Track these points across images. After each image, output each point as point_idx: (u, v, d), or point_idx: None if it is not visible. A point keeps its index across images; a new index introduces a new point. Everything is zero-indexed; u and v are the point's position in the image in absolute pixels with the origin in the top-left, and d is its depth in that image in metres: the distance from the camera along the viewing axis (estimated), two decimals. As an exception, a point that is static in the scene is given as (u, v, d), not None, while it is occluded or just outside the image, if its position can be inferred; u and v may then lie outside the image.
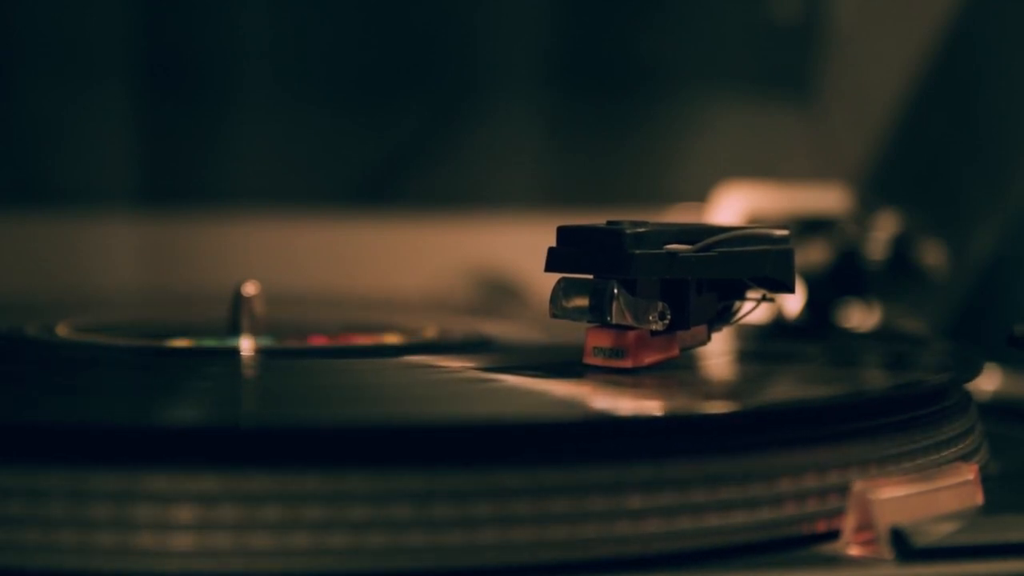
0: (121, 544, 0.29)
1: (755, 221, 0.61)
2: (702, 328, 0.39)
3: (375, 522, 0.29)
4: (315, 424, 0.31)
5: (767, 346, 0.49)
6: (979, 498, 0.34)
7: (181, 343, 0.46)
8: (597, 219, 0.38)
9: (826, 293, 0.59)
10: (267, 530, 0.29)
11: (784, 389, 0.39)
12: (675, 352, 0.38)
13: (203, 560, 0.29)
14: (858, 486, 0.32)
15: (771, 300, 0.40)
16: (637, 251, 0.36)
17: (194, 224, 0.72)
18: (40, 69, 0.71)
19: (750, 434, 0.32)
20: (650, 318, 0.37)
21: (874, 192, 0.69)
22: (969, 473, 0.34)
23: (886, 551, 0.31)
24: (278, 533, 0.29)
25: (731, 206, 0.63)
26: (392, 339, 0.47)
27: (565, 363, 0.39)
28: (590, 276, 0.37)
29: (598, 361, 0.37)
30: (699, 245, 0.37)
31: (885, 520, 0.31)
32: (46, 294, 0.68)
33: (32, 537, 0.29)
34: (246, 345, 0.44)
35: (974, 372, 0.40)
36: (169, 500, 0.29)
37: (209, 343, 0.45)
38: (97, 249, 0.71)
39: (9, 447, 0.29)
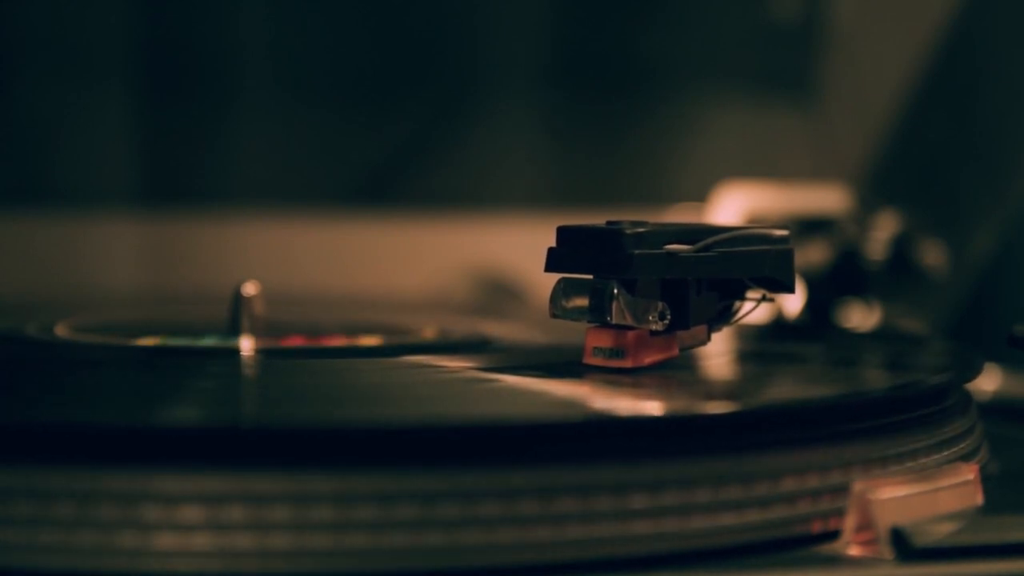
0: (114, 544, 0.29)
1: (755, 221, 0.61)
2: (702, 328, 0.39)
3: (375, 523, 0.29)
4: (314, 425, 0.31)
5: (767, 346, 0.49)
6: (979, 498, 0.34)
7: (181, 343, 0.46)
8: (597, 219, 0.38)
9: (826, 293, 0.59)
10: (270, 530, 0.29)
11: (784, 389, 0.39)
12: (675, 352, 0.38)
13: (209, 560, 0.29)
14: (858, 486, 0.32)
15: (771, 300, 0.40)
16: (637, 251, 0.36)
17: (194, 224, 0.72)
18: (40, 69, 0.71)
19: (750, 434, 0.32)
20: (650, 318, 0.37)
21: (874, 192, 0.69)
22: (969, 473, 0.34)
23: (886, 551, 0.31)
24: (281, 534, 0.29)
25: (731, 206, 0.63)
26: (390, 339, 0.47)
27: (565, 363, 0.39)
28: (590, 276, 0.37)
29: (598, 361, 0.37)
30: (699, 245, 0.37)
31: (885, 520, 0.31)
32: (46, 294, 0.68)
33: (34, 538, 0.29)
34: (246, 345, 0.44)
35: (974, 372, 0.40)
36: (167, 500, 0.29)
37: (209, 343, 0.45)
38: (97, 249, 0.71)
39: (8, 447, 0.29)
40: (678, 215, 0.68)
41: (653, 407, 0.34)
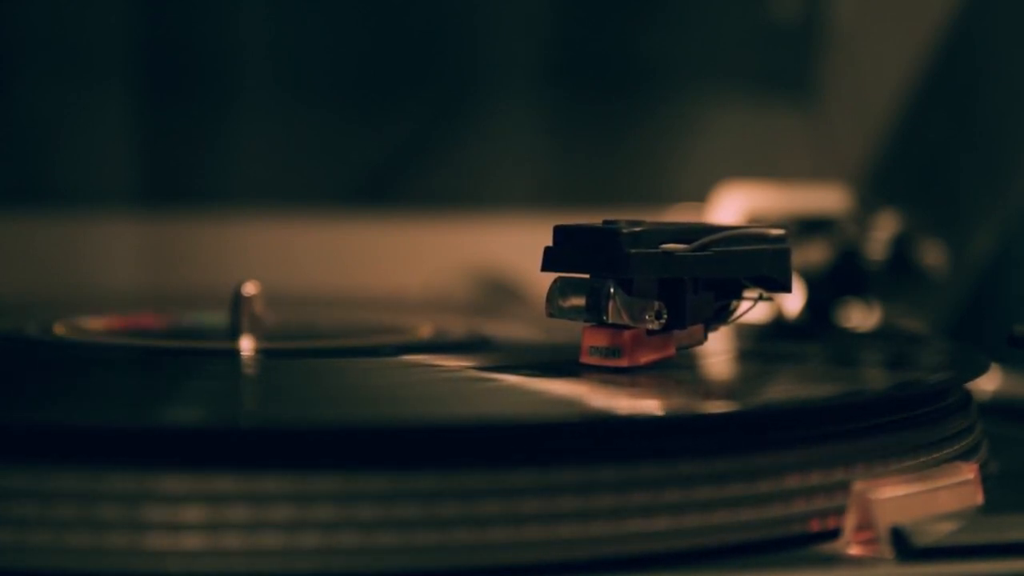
0: (118, 544, 0.29)
1: (755, 221, 0.61)
2: (699, 327, 0.39)
3: (376, 522, 0.29)
4: (315, 424, 0.31)
5: (767, 346, 0.49)
6: (979, 498, 0.34)
7: (181, 343, 0.46)
8: (596, 219, 0.38)
9: (826, 293, 0.59)
10: (271, 530, 0.29)
11: (784, 389, 0.39)
12: (671, 351, 0.38)
13: (209, 560, 0.29)
14: (858, 486, 0.32)
15: (768, 299, 0.40)
16: (633, 250, 0.36)
17: (194, 224, 0.72)
18: (40, 69, 0.71)
19: (749, 434, 0.32)
20: (646, 317, 0.37)
21: (874, 192, 0.69)
22: (969, 473, 0.34)
23: (886, 551, 0.31)
24: (282, 533, 0.29)
25: (731, 206, 0.63)
26: (393, 338, 0.47)
27: (562, 362, 0.39)
28: (586, 275, 0.37)
29: (594, 360, 0.37)
30: (695, 244, 0.37)
31: (885, 520, 0.31)
32: (46, 294, 0.68)
33: (37, 538, 0.29)
34: (246, 345, 0.44)
35: (974, 372, 0.40)
36: (171, 500, 0.29)
37: (209, 343, 0.45)
38: (97, 249, 0.71)
39: (8, 447, 0.29)
40: (678, 215, 0.68)
41: (652, 406, 0.34)
